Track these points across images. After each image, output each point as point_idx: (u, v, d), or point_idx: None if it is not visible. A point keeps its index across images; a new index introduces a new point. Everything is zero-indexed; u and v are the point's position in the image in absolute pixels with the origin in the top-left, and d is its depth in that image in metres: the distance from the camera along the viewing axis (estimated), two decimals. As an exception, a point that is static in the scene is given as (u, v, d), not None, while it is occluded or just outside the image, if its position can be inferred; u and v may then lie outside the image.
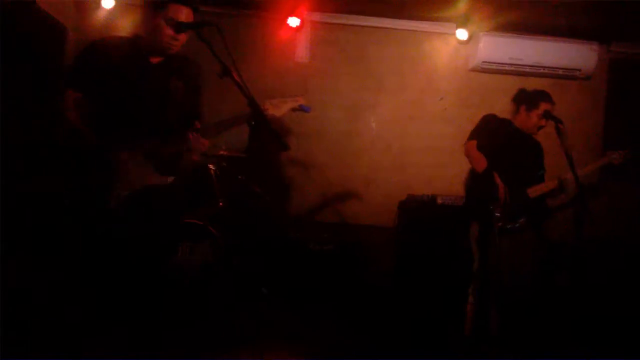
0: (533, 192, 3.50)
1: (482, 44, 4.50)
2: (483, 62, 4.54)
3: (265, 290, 3.74)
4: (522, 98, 3.65)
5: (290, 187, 4.57)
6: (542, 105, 3.50)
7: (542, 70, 4.57)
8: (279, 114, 2.29)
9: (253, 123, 2.08)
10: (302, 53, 4.66)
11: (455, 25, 4.57)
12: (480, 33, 4.51)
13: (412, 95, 4.72)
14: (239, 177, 3.82)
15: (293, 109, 2.43)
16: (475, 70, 4.66)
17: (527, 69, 4.55)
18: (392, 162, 4.69)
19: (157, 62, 2.43)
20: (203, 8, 2.54)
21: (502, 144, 3.49)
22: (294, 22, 4.49)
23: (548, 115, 3.35)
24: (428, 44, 4.71)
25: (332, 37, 4.68)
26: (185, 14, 2.34)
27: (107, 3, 4.30)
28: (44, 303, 2.82)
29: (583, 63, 4.52)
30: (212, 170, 3.60)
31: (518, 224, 3.41)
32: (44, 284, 2.87)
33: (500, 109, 3.96)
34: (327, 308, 3.90)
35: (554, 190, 3.53)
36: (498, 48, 4.51)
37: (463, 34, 4.57)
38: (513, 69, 4.57)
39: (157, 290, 2.42)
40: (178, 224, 2.44)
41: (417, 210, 4.22)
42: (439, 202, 4.17)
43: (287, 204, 4.52)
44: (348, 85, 4.71)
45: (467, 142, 3.57)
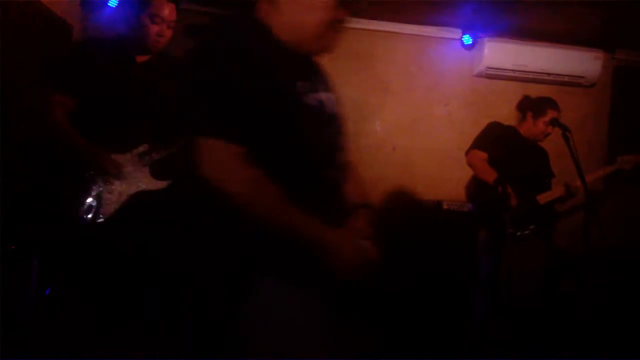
0: (543, 198, 3.50)
1: (486, 50, 4.51)
2: (487, 67, 4.55)
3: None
4: (527, 105, 3.66)
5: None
6: (549, 113, 3.52)
7: (546, 77, 4.58)
8: None
9: None
10: (306, 55, 4.63)
11: (461, 31, 4.59)
12: (485, 39, 4.52)
13: (417, 99, 4.72)
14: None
15: None
16: (480, 76, 4.67)
17: (531, 76, 4.57)
18: (397, 165, 4.68)
19: (143, 61, 2.39)
20: (185, 6, 2.51)
21: (508, 152, 3.49)
22: (300, 24, 4.47)
23: (555, 123, 3.36)
24: (434, 49, 4.71)
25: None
26: (169, 10, 2.33)
27: (112, 1, 4.26)
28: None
29: (587, 70, 4.54)
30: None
31: (528, 231, 3.41)
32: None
33: (505, 115, 3.99)
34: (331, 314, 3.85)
35: (562, 197, 3.54)
36: (502, 54, 4.53)
37: (468, 40, 4.58)
38: (517, 75, 4.58)
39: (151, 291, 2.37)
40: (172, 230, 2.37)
41: (422, 216, 4.21)
42: (445, 207, 4.15)
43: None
44: (354, 88, 4.68)
45: (470, 150, 3.56)
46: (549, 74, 4.55)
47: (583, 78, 4.59)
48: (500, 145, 3.50)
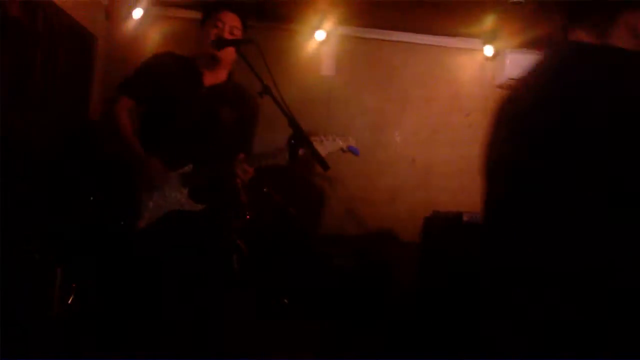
0: None
1: (508, 61, 4.48)
2: (509, 79, 4.51)
3: (286, 301, 3.71)
4: None
5: (314, 200, 4.55)
6: None
7: (569, 88, 4.54)
8: (324, 153, 2.21)
9: (293, 142, 2.06)
10: (327, 66, 4.67)
11: (482, 42, 4.56)
12: (507, 50, 4.50)
13: (437, 111, 4.71)
14: (264, 189, 3.81)
15: (342, 150, 2.41)
16: (502, 87, 4.63)
17: (554, 87, 4.53)
18: (416, 176, 4.67)
19: (211, 85, 2.43)
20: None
21: None
22: (321, 35, 4.51)
23: None
24: (454, 60, 4.70)
25: (358, 51, 4.69)
26: (230, 17, 2.37)
27: (136, 13, 4.33)
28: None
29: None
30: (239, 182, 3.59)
31: None
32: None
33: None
34: (348, 324, 3.85)
35: None
36: (525, 64, 4.45)
37: (490, 51, 4.56)
38: (540, 86, 4.54)
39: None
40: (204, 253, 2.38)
41: (442, 227, 4.17)
42: (465, 219, 4.12)
43: (310, 218, 4.50)
44: (373, 99, 4.70)
45: None
46: (572, 85, 4.50)
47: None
48: None
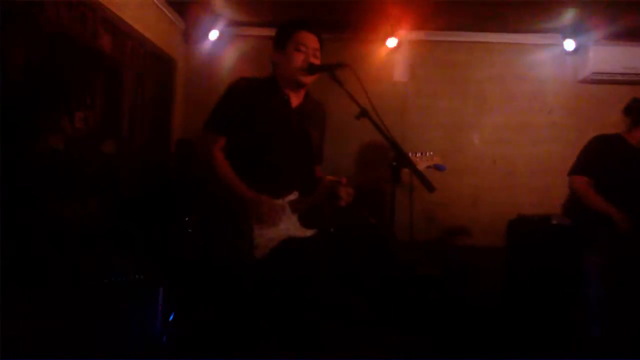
0: None
1: (591, 54, 4.30)
2: (593, 72, 4.33)
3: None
4: (637, 112, 3.28)
5: (395, 209, 4.53)
6: None
7: (659, 79, 4.29)
8: (420, 169, 2.21)
9: (395, 164, 2.04)
10: (400, 72, 4.64)
11: (562, 37, 4.39)
12: (589, 43, 4.31)
13: (517, 110, 4.58)
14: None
15: (428, 167, 2.38)
16: (585, 82, 4.45)
17: (642, 78, 4.30)
18: (498, 180, 4.55)
19: (297, 106, 2.40)
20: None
21: (616, 168, 3.20)
22: (392, 42, 4.49)
23: None
24: (533, 57, 4.55)
25: (430, 55, 4.63)
26: (312, 39, 2.32)
27: (212, 35, 4.48)
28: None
29: None
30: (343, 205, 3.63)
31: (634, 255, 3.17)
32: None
33: (614, 122, 3.72)
34: (435, 333, 3.80)
35: None
36: (609, 57, 4.29)
37: (570, 45, 4.37)
38: (626, 79, 4.32)
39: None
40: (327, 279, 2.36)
41: (528, 231, 4.05)
42: (554, 222, 3.97)
43: (392, 227, 4.48)
44: (448, 102, 4.63)
45: (573, 175, 3.30)
46: (662, 75, 4.26)
47: (699, 76, 4.25)
48: (606, 163, 3.21)
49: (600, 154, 3.24)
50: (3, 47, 2.55)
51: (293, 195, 2.32)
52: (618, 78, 4.32)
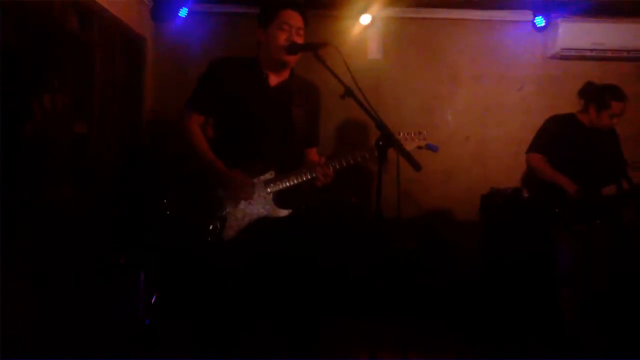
0: (609, 191, 3.41)
1: (561, 30, 4.36)
2: (562, 49, 4.40)
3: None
4: (590, 95, 3.44)
5: (370, 184, 4.57)
6: (613, 105, 3.32)
7: (625, 54, 4.40)
8: (409, 149, 2.24)
9: (381, 144, 2.05)
10: (374, 49, 4.64)
11: (532, 13, 4.45)
12: (559, 19, 4.37)
13: (488, 86, 4.63)
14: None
15: (419, 147, 2.40)
16: (555, 58, 4.53)
17: (609, 54, 4.40)
18: (471, 154, 4.63)
19: (277, 84, 2.39)
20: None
21: (569, 147, 3.40)
22: (366, 19, 4.47)
23: None
24: (503, 33, 4.59)
25: (404, 31, 4.63)
26: (296, 18, 2.31)
27: (182, 12, 4.37)
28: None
29: (670, 44, 4.33)
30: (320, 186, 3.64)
31: (592, 226, 3.34)
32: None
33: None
34: (413, 306, 3.89)
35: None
36: (578, 34, 4.36)
37: (541, 21, 4.44)
38: (595, 55, 4.41)
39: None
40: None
41: (501, 204, 4.15)
42: (525, 195, 4.07)
43: (380, 205, 4.50)
44: (422, 79, 4.66)
45: (529, 152, 3.52)
46: (629, 51, 4.36)
47: (665, 52, 4.38)
48: (559, 140, 3.41)
49: (555, 134, 3.45)
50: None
51: (269, 175, 2.33)
52: (587, 54, 4.41)
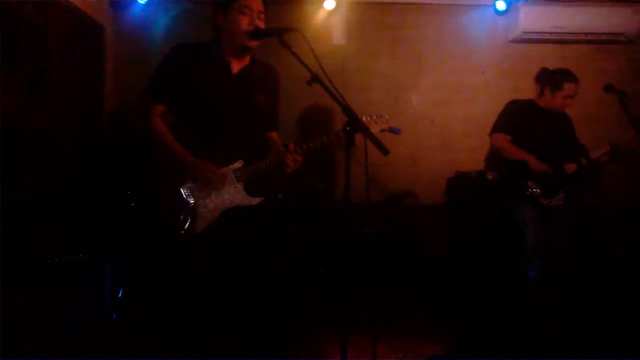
0: (570, 167, 3.56)
1: (522, 14, 4.42)
2: (523, 32, 4.47)
3: (322, 271, 3.78)
4: (545, 79, 3.68)
5: (335, 170, 4.57)
6: (565, 86, 3.54)
7: (584, 37, 4.50)
8: (374, 131, 2.24)
9: (348, 129, 2.04)
10: (338, 35, 4.61)
11: (494, -3, 4.50)
12: (519, 3, 4.42)
13: (452, 70, 4.67)
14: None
15: (382, 130, 2.40)
16: (516, 41, 4.59)
17: (569, 37, 4.49)
18: (436, 139, 4.67)
19: (238, 71, 2.34)
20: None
21: (530, 128, 3.58)
22: (330, 4, 4.44)
23: (611, 89, 3.30)
24: (466, 17, 4.63)
25: (368, 17, 4.62)
26: (257, 4, 2.27)
27: (141, -1, 4.26)
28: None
29: (626, 26, 4.43)
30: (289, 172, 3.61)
31: (557, 199, 3.53)
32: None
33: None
34: (385, 291, 3.92)
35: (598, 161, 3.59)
36: (539, 17, 4.43)
37: (502, 5, 4.49)
38: (555, 37, 4.50)
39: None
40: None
41: (466, 187, 4.22)
42: (489, 177, 4.15)
43: (333, 187, 4.52)
44: (386, 65, 4.66)
45: (492, 133, 3.69)
46: (587, 34, 4.46)
47: (622, 34, 4.48)
48: (521, 123, 3.59)
49: (516, 115, 3.65)
50: None
51: (238, 164, 2.30)
52: (547, 37, 4.48)
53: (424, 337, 3.28)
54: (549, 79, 3.62)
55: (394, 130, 2.44)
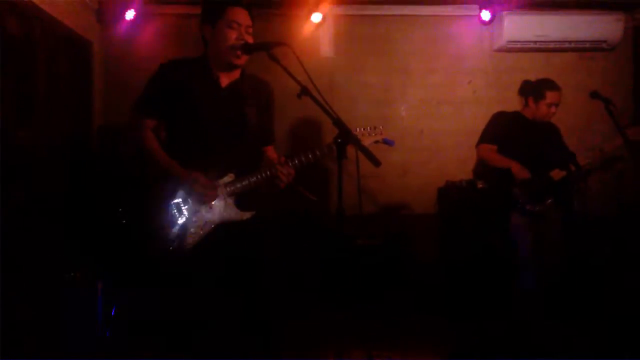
0: (556, 174, 3.62)
1: (506, 23, 4.49)
2: (508, 41, 4.53)
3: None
4: (527, 90, 3.77)
5: (326, 182, 4.57)
6: (548, 95, 3.63)
7: (567, 45, 4.57)
8: (366, 144, 2.26)
9: (339, 141, 2.05)
10: (326, 48, 4.65)
11: (478, 7, 4.54)
12: (504, 12, 4.49)
13: (440, 81, 4.71)
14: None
15: (376, 142, 2.41)
16: (501, 51, 4.65)
17: (552, 45, 4.55)
18: (425, 148, 4.70)
19: (228, 85, 2.35)
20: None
21: (517, 139, 3.65)
22: (317, 17, 4.46)
23: (597, 96, 3.34)
24: (452, 28, 4.68)
25: (355, 29, 4.66)
26: (244, 16, 2.28)
27: (129, 14, 4.25)
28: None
29: (609, 34, 4.50)
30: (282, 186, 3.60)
31: (544, 206, 3.56)
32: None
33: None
34: (380, 303, 3.91)
35: (581, 170, 3.62)
36: (523, 26, 4.50)
37: (487, 15, 4.54)
38: (539, 46, 4.56)
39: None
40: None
41: (457, 197, 4.24)
42: (479, 186, 4.17)
43: (342, 202, 4.49)
44: (375, 76, 4.69)
45: (479, 144, 3.76)
46: (571, 42, 4.53)
47: (605, 42, 4.55)
48: (507, 133, 3.65)
49: (502, 126, 3.73)
50: None
51: (228, 178, 2.29)
52: (531, 46, 4.54)
53: (418, 345, 3.27)
54: (532, 90, 3.71)
55: (388, 142, 2.45)
